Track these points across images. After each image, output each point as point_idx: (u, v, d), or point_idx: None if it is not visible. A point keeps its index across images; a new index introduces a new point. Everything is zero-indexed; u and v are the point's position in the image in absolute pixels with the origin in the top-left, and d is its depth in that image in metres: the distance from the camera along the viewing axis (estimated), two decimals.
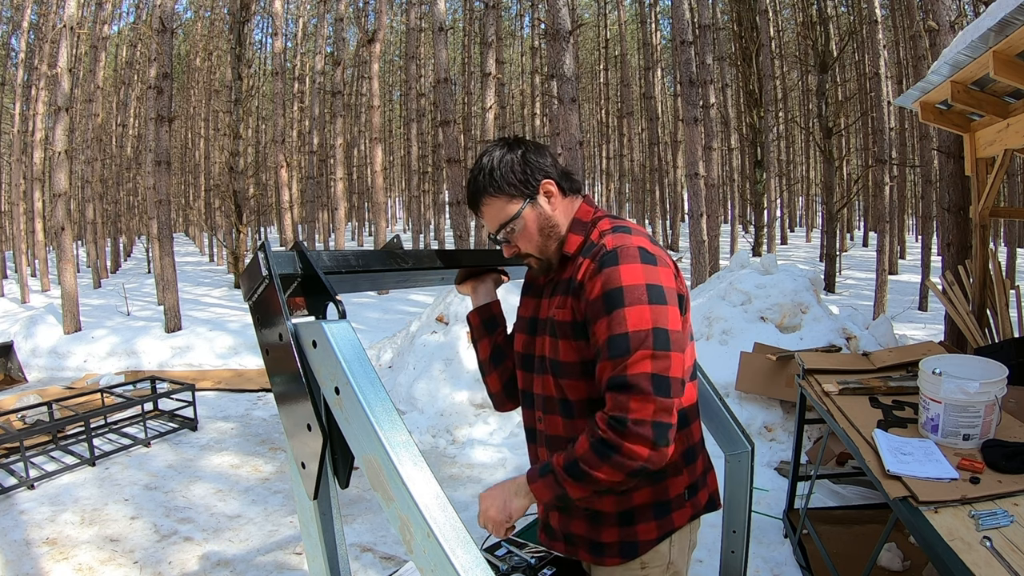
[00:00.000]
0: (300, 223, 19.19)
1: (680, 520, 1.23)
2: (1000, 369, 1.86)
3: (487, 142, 11.82)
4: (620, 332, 1.05)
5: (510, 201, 1.21)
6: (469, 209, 1.34)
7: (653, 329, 1.05)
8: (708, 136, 9.85)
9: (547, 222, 1.22)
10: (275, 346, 0.99)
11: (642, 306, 1.06)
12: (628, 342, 1.04)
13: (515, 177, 1.20)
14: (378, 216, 12.29)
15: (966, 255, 4.56)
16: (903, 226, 17.88)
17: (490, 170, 1.21)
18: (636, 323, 1.05)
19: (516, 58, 25.55)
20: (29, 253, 16.39)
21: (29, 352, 7.37)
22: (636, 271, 1.09)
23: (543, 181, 1.22)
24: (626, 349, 1.04)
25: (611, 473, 1.04)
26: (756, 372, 3.91)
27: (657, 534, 1.21)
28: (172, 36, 9.06)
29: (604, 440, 1.03)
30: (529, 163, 1.21)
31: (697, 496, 1.27)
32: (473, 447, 4.31)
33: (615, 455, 1.02)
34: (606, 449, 1.03)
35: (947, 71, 3.28)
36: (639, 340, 1.04)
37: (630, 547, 1.21)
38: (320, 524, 1.01)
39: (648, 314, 1.06)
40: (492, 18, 11.95)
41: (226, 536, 3.18)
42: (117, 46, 20.36)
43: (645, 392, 1.02)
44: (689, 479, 1.25)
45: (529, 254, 1.26)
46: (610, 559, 1.23)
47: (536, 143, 1.27)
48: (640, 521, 1.21)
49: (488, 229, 1.28)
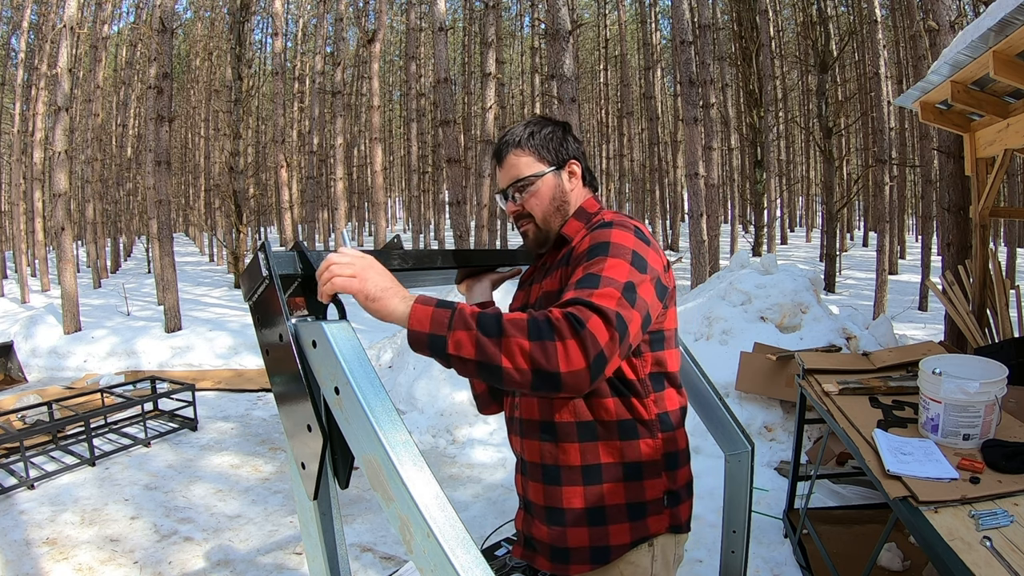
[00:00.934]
0: (300, 223, 19.19)
1: (656, 527, 1.16)
2: (1000, 369, 1.86)
3: (487, 142, 11.78)
4: (595, 272, 1.01)
5: (537, 160, 1.26)
6: (492, 160, 1.32)
7: (626, 283, 1.00)
8: (708, 136, 9.85)
9: (562, 195, 1.26)
10: (275, 346, 0.99)
11: (623, 262, 1.03)
12: (599, 280, 0.99)
13: (552, 144, 1.26)
14: (378, 216, 12.29)
15: (966, 255, 4.56)
16: (903, 226, 17.87)
17: (531, 132, 1.26)
18: (612, 272, 1.01)
19: (516, 58, 25.56)
20: (29, 253, 16.40)
21: (29, 352, 7.38)
22: (627, 237, 1.09)
23: (572, 160, 1.28)
24: (595, 283, 0.98)
25: (525, 356, 0.86)
26: (756, 372, 3.90)
27: (631, 538, 1.14)
28: (172, 36, 9.06)
29: (553, 324, 0.88)
30: (568, 141, 1.29)
31: (678, 508, 1.20)
32: (473, 447, 4.31)
33: (550, 342, 0.86)
34: (547, 331, 0.87)
35: (947, 71, 3.28)
36: (610, 281, 0.99)
37: (601, 551, 1.13)
38: (320, 524, 1.01)
39: (626, 269, 1.02)
40: (492, 18, 11.96)
41: (226, 536, 3.18)
42: (117, 46, 20.36)
43: (609, 320, 0.90)
44: (668, 484, 1.18)
45: (530, 218, 1.27)
46: (577, 566, 1.14)
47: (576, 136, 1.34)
48: (612, 521, 1.13)
49: (501, 184, 1.30)
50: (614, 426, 1.14)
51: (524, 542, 1.24)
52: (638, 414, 1.15)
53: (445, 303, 0.92)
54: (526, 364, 0.87)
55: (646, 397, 1.16)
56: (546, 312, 0.90)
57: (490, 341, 0.88)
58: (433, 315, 0.91)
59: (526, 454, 1.23)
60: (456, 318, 0.90)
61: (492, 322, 0.89)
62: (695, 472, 1.31)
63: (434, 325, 0.90)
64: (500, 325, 0.88)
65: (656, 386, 1.18)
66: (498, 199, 1.33)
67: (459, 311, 0.91)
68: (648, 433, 1.16)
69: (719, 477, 1.77)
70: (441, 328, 0.90)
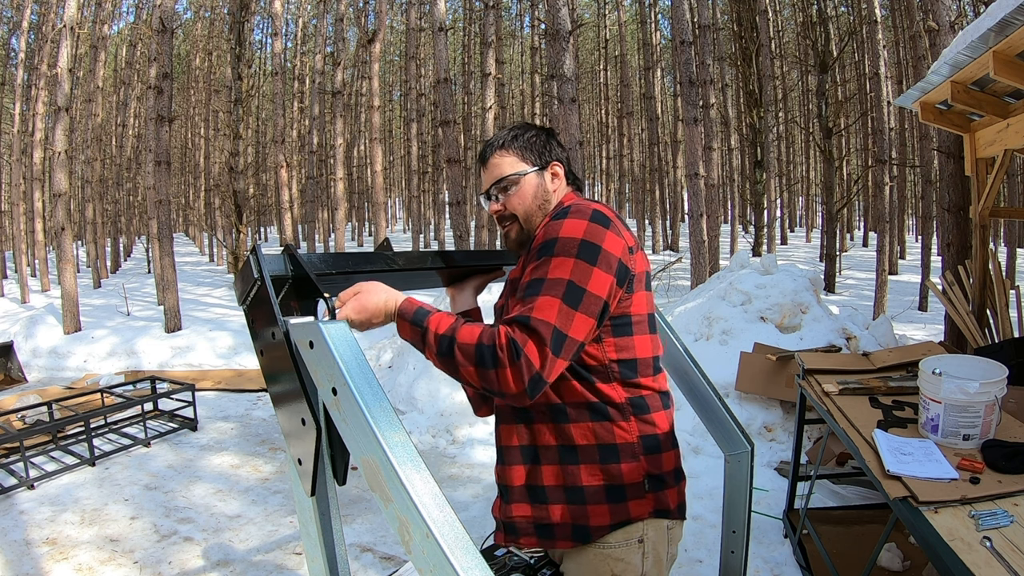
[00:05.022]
0: (300, 223, 19.19)
1: (638, 511, 1.17)
2: (1000, 369, 1.86)
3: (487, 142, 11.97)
4: (538, 277, 1.07)
5: (520, 161, 1.29)
6: (477, 163, 1.36)
7: (568, 282, 1.05)
8: (708, 136, 9.84)
9: (543, 195, 1.29)
10: (269, 346, 0.99)
11: (567, 259, 1.07)
12: (541, 286, 1.05)
13: (534, 147, 1.30)
14: (378, 216, 12.29)
15: (966, 255, 4.55)
16: (903, 226, 17.87)
17: (514, 135, 1.30)
18: (556, 272, 1.06)
19: (516, 58, 25.56)
20: (29, 253, 16.40)
21: (29, 352, 7.38)
22: (578, 226, 1.11)
23: (555, 162, 1.31)
24: (536, 292, 1.05)
25: (472, 377, 1.02)
26: (756, 372, 3.90)
27: (610, 520, 1.16)
28: (172, 36, 9.06)
29: (495, 353, 1.00)
30: (551, 144, 1.32)
31: (664, 493, 1.20)
32: (473, 447, 4.31)
33: (490, 370, 1.00)
34: (490, 360, 1.00)
35: (947, 71, 3.28)
36: (551, 287, 1.05)
37: (582, 530, 1.16)
38: (319, 524, 1.02)
39: (569, 267, 1.06)
40: (492, 18, 11.96)
41: (226, 536, 3.18)
42: (117, 46, 20.37)
43: (543, 341, 1.00)
44: (649, 468, 1.18)
45: (514, 219, 1.29)
46: (562, 542, 1.18)
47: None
48: (591, 501, 1.16)
49: (484, 185, 1.32)
50: (584, 408, 1.17)
51: (505, 528, 1.25)
52: (606, 398, 1.17)
53: (416, 316, 1.08)
54: (476, 383, 1.03)
55: (612, 381, 1.17)
56: (493, 334, 1.01)
57: (446, 363, 1.04)
58: (408, 327, 1.08)
59: (503, 439, 1.26)
60: (424, 338, 1.06)
61: (447, 346, 1.03)
62: (695, 472, 1.31)
63: (408, 335, 1.09)
64: (452, 350, 1.03)
65: (626, 371, 1.19)
66: (481, 200, 1.35)
67: (425, 331, 1.06)
68: (620, 416, 1.18)
69: (719, 477, 1.77)
70: (415, 339, 1.08)
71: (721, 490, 1.67)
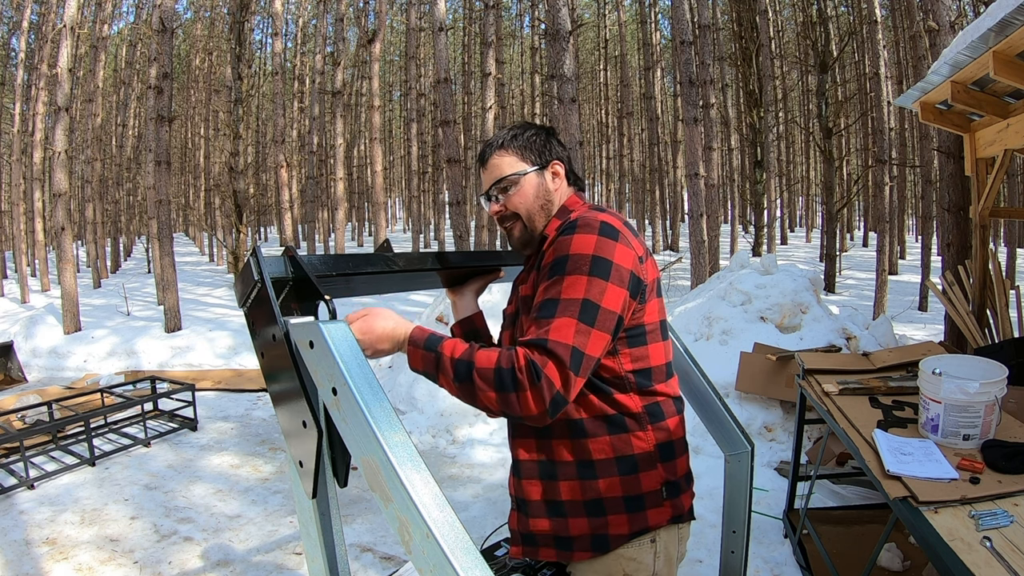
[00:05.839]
0: (300, 223, 19.19)
1: (656, 519, 1.18)
2: (1000, 369, 1.86)
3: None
4: (551, 297, 1.07)
5: (520, 160, 1.27)
6: (477, 164, 1.35)
7: (583, 300, 1.05)
8: (708, 136, 9.84)
9: (545, 194, 1.28)
10: (270, 347, 0.99)
11: (580, 277, 1.06)
12: (556, 307, 1.05)
13: (534, 146, 1.28)
14: (378, 216, 12.29)
15: (966, 255, 4.55)
16: (903, 226, 17.87)
17: (514, 135, 1.29)
18: (569, 291, 1.06)
19: (516, 58, 25.56)
20: (29, 253, 16.40)
21: (29, 352, 7.38)
22: (588, 241, 1.09)
23: (555, 160, 1.30)
24: (552, 313, 1.04)
25: (492, 403, 1.00)
26: (756, 372, 3.90)
27: (629, 529, 1.16)
28: (172, 36, 9.06)
29: (515, 376, 0.99)
30: (551, 142, 1.31)
31: (679, 499, 1.22)
32: (473, 447, 4.31)
33: (511, 394, 0.98)
34: (510, 383, 0.99)
35: (947, 71, 3.28)
36: (566, 307, 1.04)
37: (601, 540, 1.16)
38: (319, 524, 1.02)
39: (583, 285, 1.06)
40: (492, 18, 11.96)
41: (226, 536, 3.18)
42: (117, 46, 20.35)
43: (563, 363, 1.00)
44: (666, 475, 1.20)
45: (516, 218, 1.28)
46: (580, 552, 1.18)
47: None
48: (611, 512, 1.16)
49: (484, 186, 1.31)
50: (601, 421, 1.16)
51: (522, 540, 1.25)
52: (624, 408, 1.17)
53: (428, 343, 1.07)
54: (496, 408, 1.01)
55: (630, 392, 1.17)
56: (512, 357, 1.00)
57: (464, 388, 1.02)
58: (420, 356, 1.07)
59: (520, 454, 1.25)
60: (440, 365, 1.05)
61: (464, 371, 1.02)
62: (695, 472, 1.31)
63: (420, 365, 1.07)
64: (471, 375, 1.01)
65: (642, 380, 1.19)
66: (482, 201, 1.34)
67: (440, 357, 1.04)
68: (638, 426, 1.17)
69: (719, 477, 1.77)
70: (429, 368, 1.06)
71: (721, 490, 1.67)
